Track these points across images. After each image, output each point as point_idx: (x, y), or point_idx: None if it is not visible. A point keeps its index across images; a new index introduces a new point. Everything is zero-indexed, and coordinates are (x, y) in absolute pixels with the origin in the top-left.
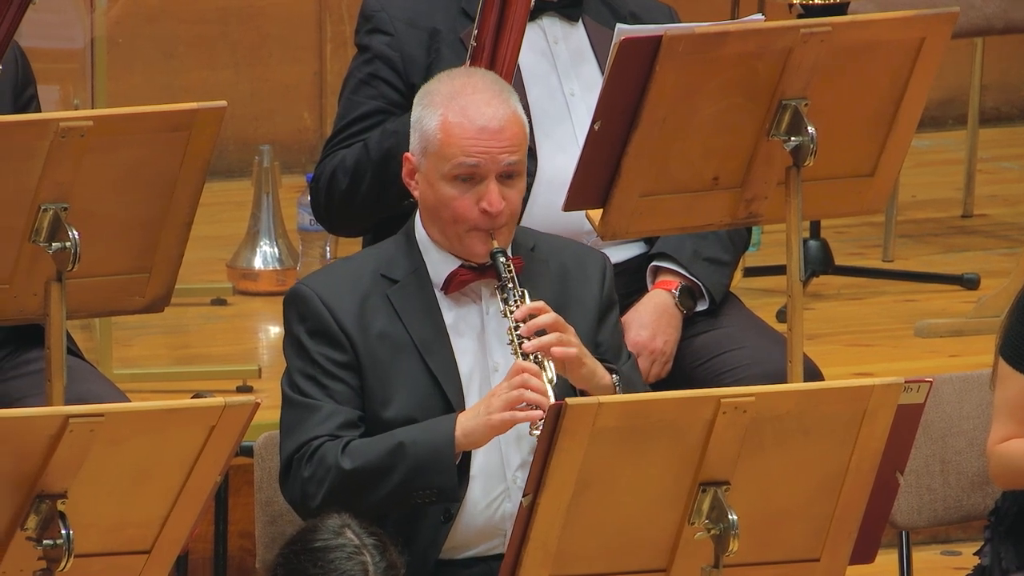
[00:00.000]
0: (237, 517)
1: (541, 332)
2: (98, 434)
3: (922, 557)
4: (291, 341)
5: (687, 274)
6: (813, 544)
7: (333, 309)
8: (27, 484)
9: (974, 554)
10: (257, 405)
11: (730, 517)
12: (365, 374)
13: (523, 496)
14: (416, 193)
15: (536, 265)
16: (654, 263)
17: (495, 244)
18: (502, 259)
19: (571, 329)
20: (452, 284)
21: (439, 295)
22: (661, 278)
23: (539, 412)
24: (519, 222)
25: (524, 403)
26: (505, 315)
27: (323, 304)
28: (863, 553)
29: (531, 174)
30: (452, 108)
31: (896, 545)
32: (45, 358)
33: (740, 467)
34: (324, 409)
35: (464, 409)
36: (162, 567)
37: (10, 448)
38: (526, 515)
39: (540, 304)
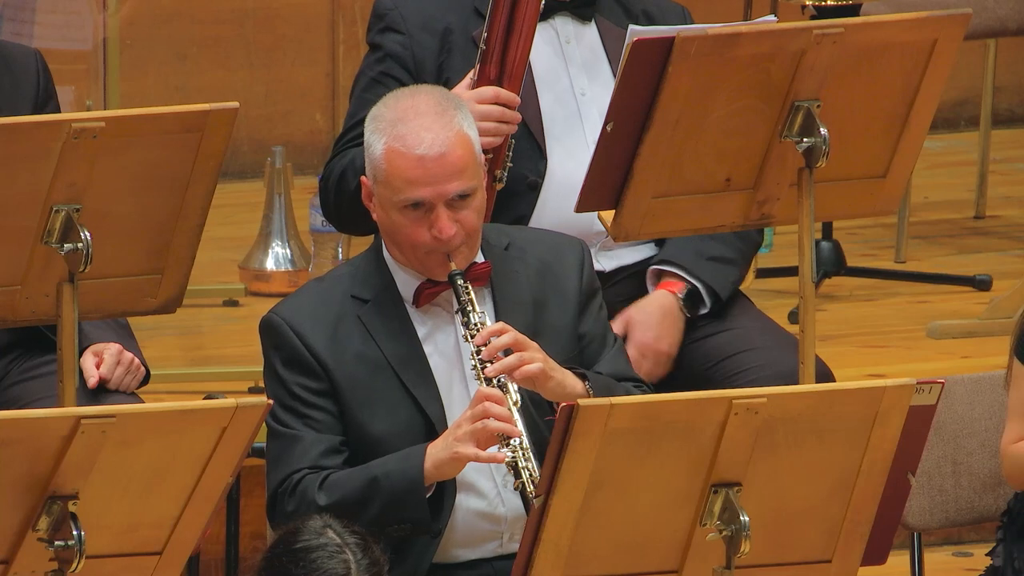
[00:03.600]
0: (249, 518)
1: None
2: (110, 435)
3: (934, 558)
4: (268, 371)
5: (690, 278)
6: (825, 545)
7: (304, 336)
8: (39, 485)
9: (986, 555)
10: (269, 406)
11: (742, 518)
12: (343, 398)
13: (535, 497)
14: (375, 216)
15: (512, 263)
16: (655, 267)
17: (452, 266)
18: (460, 282)
19: (534, 345)
20: (421, 298)
21: (411, 310)
22: (665, 280)
23: (503, 454)
24: (529, 223)
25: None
26: (466, 339)
27: (293, 332)
28: (875, 554)
29: (541, 176)
30: (393, 135)
31: (908, 546)
32: (57, 360)
33: (752, 468)
34: (305, 440)
35: (445, 422)
36: (174, 568)
37: (22, 449)
38: (538, 516)
39: (500, 326)
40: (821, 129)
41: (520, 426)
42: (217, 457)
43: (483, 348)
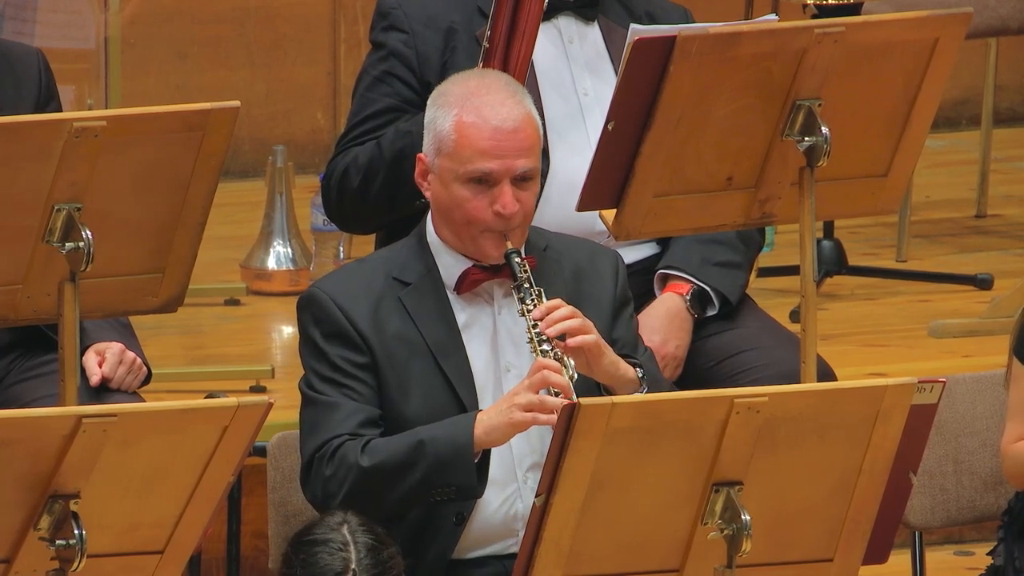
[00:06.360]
0: (250, 517)
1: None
2: (111, 434)
3: (935, 557)
4: (307, 344)
5: (697, 281)
6: (826, 544)
7: (347, 311)
8: (40, 484)
9: (987, 554)
10: (270, 405)
11: (743, 517)
12: (382, 374)
13: (536, 496)
14: (428, 194)
15: (549, 265)
16: (662, 271)
17: (509, 245)
18: (516, 259)
19: (590, 323)
20: (464, 284)
21: (451, 296)
22: (672, 282)
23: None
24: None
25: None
26: (522, 314)
27: (337, 307)
28: (876, 553)
29: (544, 174)
30: (466, 108)
31: (909, 545)
32: (58, 359)
33: (753, 467)
34: (344, 408)
35: (478, 410)
36: (175, 567)
37: (24, 448)
38: (539, 515)
39: (557, 301)
40: (822, 128)
41: (576, 398)
42: (218, 456)
43: (539, 323)
